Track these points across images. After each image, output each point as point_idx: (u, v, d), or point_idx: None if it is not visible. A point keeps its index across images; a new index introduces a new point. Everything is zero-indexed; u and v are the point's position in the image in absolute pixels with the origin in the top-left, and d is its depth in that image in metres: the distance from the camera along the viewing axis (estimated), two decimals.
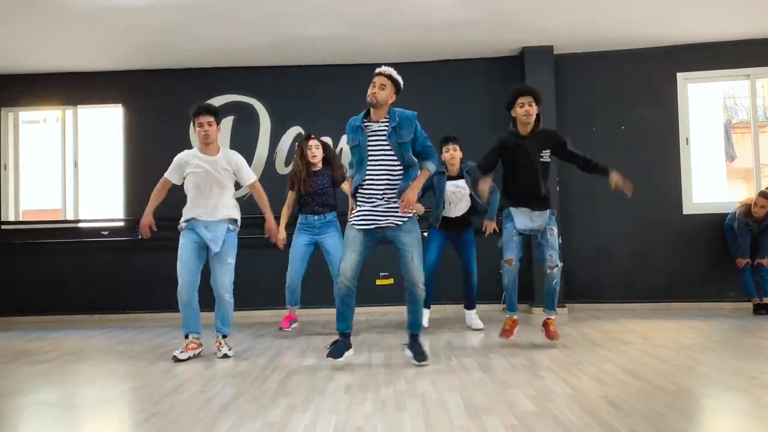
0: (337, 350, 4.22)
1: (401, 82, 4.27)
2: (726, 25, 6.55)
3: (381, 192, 4.18)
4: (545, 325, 4.89)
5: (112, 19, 5.87)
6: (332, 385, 3.72)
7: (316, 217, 5.51)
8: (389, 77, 4.20)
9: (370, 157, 4.18)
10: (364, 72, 7.33)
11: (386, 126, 4.19)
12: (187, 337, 4.72)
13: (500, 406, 3.17)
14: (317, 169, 5.58)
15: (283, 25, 6.18)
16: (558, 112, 6.94)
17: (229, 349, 4.74)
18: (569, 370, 3.96)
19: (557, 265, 4.71)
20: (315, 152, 5.55)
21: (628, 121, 7.14)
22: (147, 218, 4.76)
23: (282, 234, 5.39)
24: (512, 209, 4.81)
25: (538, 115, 4.71)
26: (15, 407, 3.48)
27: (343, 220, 4.94)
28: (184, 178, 4.76)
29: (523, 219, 4.75)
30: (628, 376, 3.75)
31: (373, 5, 5.74)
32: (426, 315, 5.60)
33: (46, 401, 3.61)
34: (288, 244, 5.56)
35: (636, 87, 7.15)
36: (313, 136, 5.64)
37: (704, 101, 10.67)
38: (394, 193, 4.18)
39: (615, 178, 4.66)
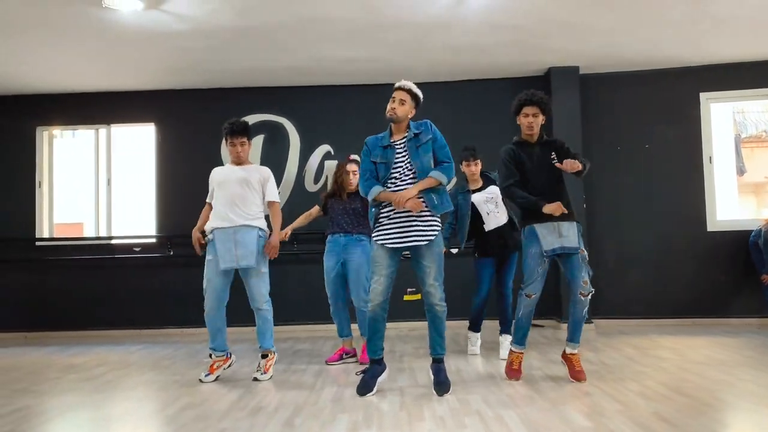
0: (365, 385, 4.03)
1: (420, 95, 4.16)
2: (748, 45, 6.68)
3: (407, 210, 3.95)
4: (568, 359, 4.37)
5: (148, 42, 6.02)
6: (386, 402, 3.81)
7: (342, 236, 5.14)
8: (409, 92, 4.10)
9: (394, 175, 4.03)
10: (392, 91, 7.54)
11: (406, 140, 4.08)
12: (210, 356, 4.65)
13: (557, 422, 3.27)
14: (352, 191, 5.23)
15: (320, 49, 6.34)
16: (583, 131, 7.07)
17: (263, 373, 4.58)
18: (613, 386, 4.05)
19: (591, 292, 4.21)
20: (354, 180, 5.21)
21: (652, 140, 7.27)
22: (194, 234, 4.69)
23: (286, 232, 5.10)
24: (536, 226, 4.22)
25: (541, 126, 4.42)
26: (85, 420, 3.59)
27: None
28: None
29: (550, 237, 4.17)
30: (672, 392, 3.84)
31: (410, 30, 5.90)
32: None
33: (110, 417, 3.75)
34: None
35: (660, 106, 7.28)
36: (351, 157, 5.37)
37: (714, 116, 10.77)
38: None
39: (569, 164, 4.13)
